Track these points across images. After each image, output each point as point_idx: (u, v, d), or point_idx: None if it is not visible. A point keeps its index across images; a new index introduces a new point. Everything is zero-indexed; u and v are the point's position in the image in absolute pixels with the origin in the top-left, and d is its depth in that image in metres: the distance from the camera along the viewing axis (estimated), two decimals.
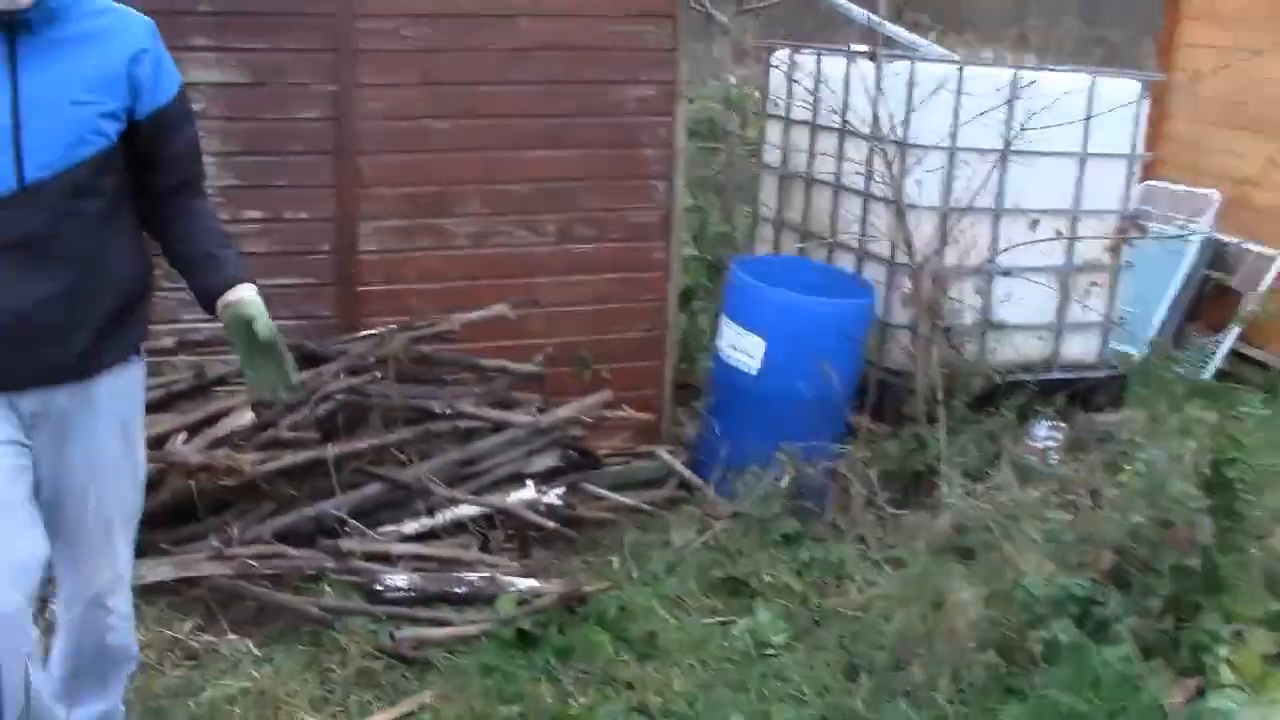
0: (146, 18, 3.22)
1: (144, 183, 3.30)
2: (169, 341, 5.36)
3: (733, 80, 12.21)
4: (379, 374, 5.33)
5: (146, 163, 3.26)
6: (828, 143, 7.37)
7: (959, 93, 6.63)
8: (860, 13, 7.16)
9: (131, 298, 3.30)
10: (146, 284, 3.39)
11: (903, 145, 6.62)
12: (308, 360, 5.39)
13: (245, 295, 3.20)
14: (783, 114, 7.82)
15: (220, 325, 3.30)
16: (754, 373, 6.34)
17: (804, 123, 7.58)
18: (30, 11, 2.92)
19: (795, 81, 7.64)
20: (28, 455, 3.18)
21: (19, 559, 3.05)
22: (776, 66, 7.90)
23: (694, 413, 7.10)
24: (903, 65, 6.77)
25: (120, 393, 3.35)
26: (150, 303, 3.47)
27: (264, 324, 3.17)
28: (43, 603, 3.57)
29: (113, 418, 3.33)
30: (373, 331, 5.59)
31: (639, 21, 6.26)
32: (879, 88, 6.64)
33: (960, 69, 6.69)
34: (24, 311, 3.03)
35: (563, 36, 6.15)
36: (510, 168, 6.21)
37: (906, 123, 6.65)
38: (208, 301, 3.27)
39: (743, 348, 6.38)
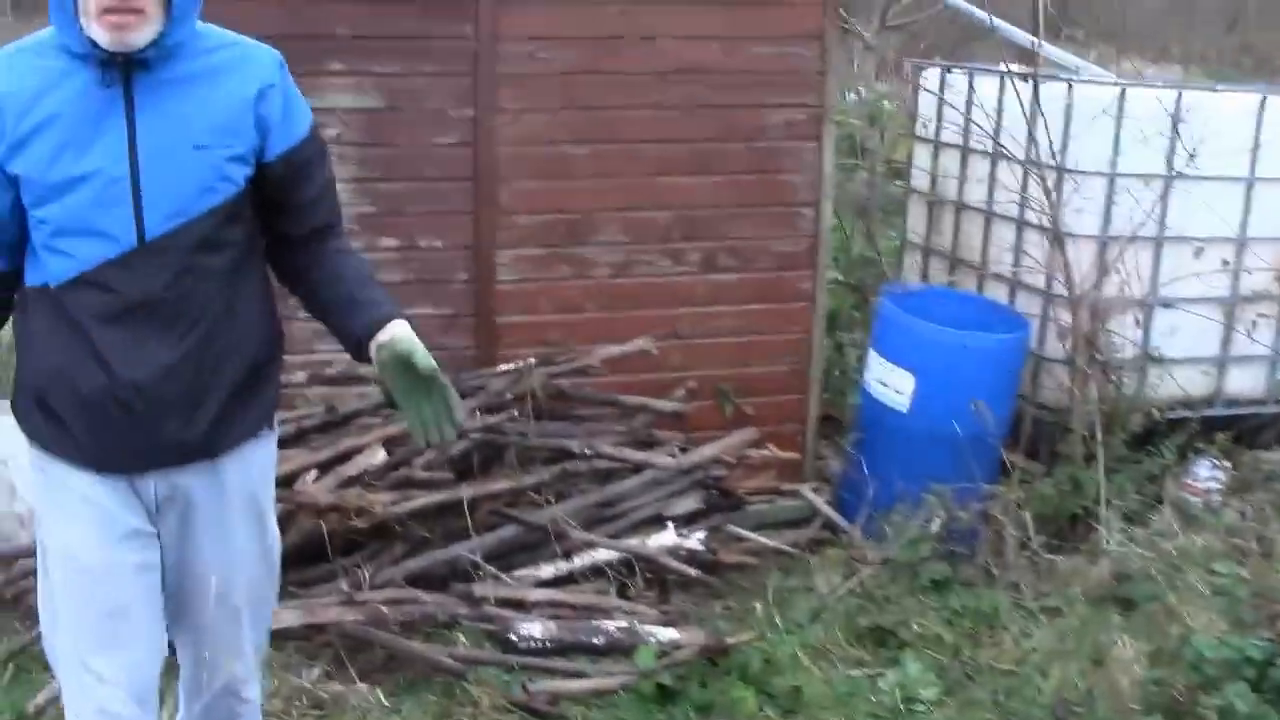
0: (273, 50, 2.94)
1: (277, 230, 3.03)
2: (300, 375, 5.22)
3: (875, 96, 11.89)
4: (516, 412, 5.13)
5: (278, 209, 2.98)
6: (980, 167, 7.08)
7: (1120, 116, 6.29)
8: (1011, 29, 6.82)
9: (262, 364, 3.01)
10: (278, 347, 3.10)
11: (1061, 171, 6.30)
12: None
13: (399, 332, 2.84)
14: (932, 136, 7.53)
15: (359, 363, 3.03)
16: (904, 409, 6.08)
17: (955, 146, 7.29)
18: (147, 50, 2.68)
19: (946, 103, 7.35)
20: (154, 546, 2.96)
21: (137, 669, 2.90)
22: (926, 86, 7.62)
23: (838, 447, 6.84)
24: (1060, 87, 6.45)
25: (251, 471, 3.06)
26: (281, 367, 3.19)
27: (423, 357, 2.81)
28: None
29: (244, 499, 3.04)
30: (510, 366, 5.40)
31: (786, 43, 6.02)
32: (1036, 110, 6.32)
33: (1121, 91, 6.36)
34: (144, 383, 2.78)
35: (706, 58, 5.93)
36: (651, 195, 6.00)
37: (1065, 147, 6.33)
38: (357, 347, 2.91)
39: (892, 383, 6.12)
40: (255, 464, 3.07)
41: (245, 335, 2.95)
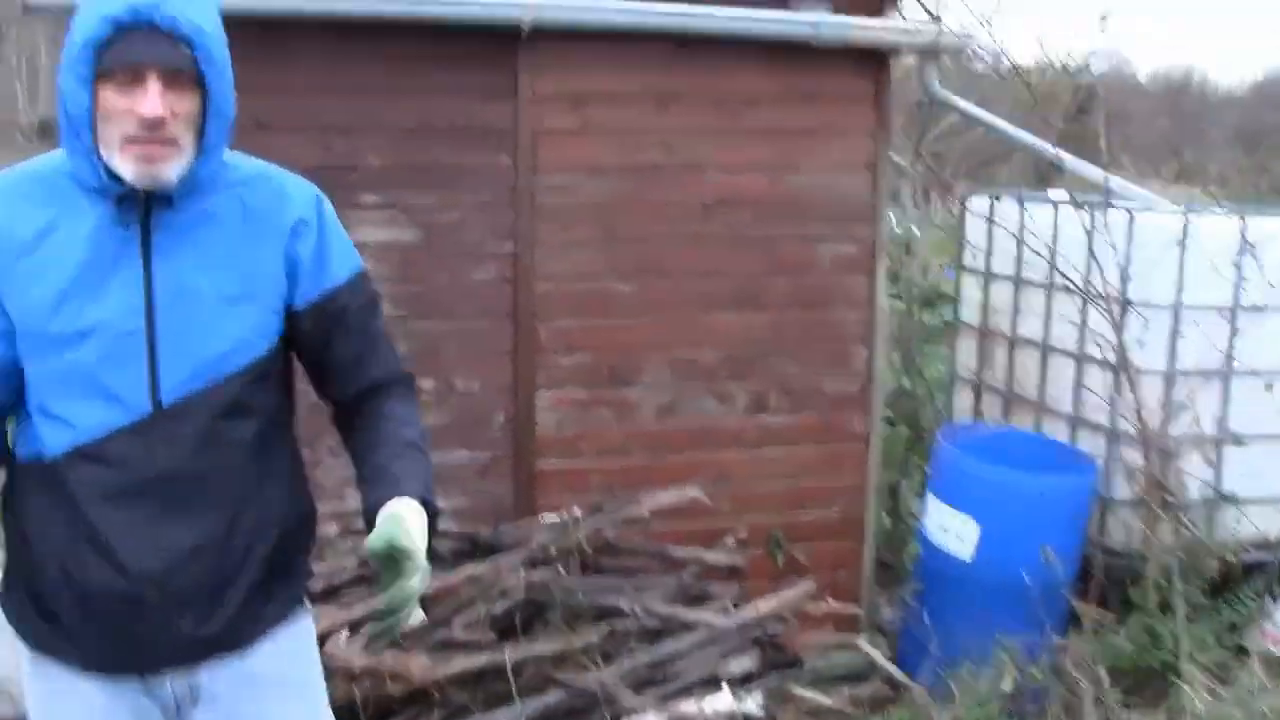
0: (310, 184, 2.58)
1: (320, 391, 2.67)
2: (332, 526, 4.91)
3: (906, 224, 11.65)
4: (561, 568, 4.79)
5: (316, 368, 2.62)
6: (1034, 299, 6.79)
7: (1185, 245, 6.01)
8: (1081, 163, 6.56)
9: (293, 543, 2.63)
10: (310, 524, 2.73)
11: (1124, 303, 6.00)
12: (482, 551, 4.90)
13: (395, 509, 2.33)
14: (981, 267, 7.25)
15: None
16: (967, 557, 5.73)
17: (1006, 277, 7.01)
18: (172, 188, 2.34)
19: (997, 225, 7.07)
20: None
21: None
22: (974, 214, 7.36)
23: (896, 597, 6.47)
24: (1120, 215, 6.17)
25: (288, 658, 2.66)
26: (314, 542, 2.78)
27: (401, 537, 2.26)
28: None
29: (283, 689, 2.63)
30: (554, 517, 5.06)
31: (836, 173, 5.78)
32: (1096, 240, 6.04)
33: (1185, 219, 6.08)
34: (158, 574, 2.39)
35: (753, 189, 5.68)
36: (697, 332, 5.73)
37: (1127, 278, 6.04)
38: (367, 522, 2.42)
39: (953, 529, 5.77)
40: (290, 648, 2.67)
41: (274, 514, 2.56)
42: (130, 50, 2.23)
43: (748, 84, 5.63)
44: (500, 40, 5.28)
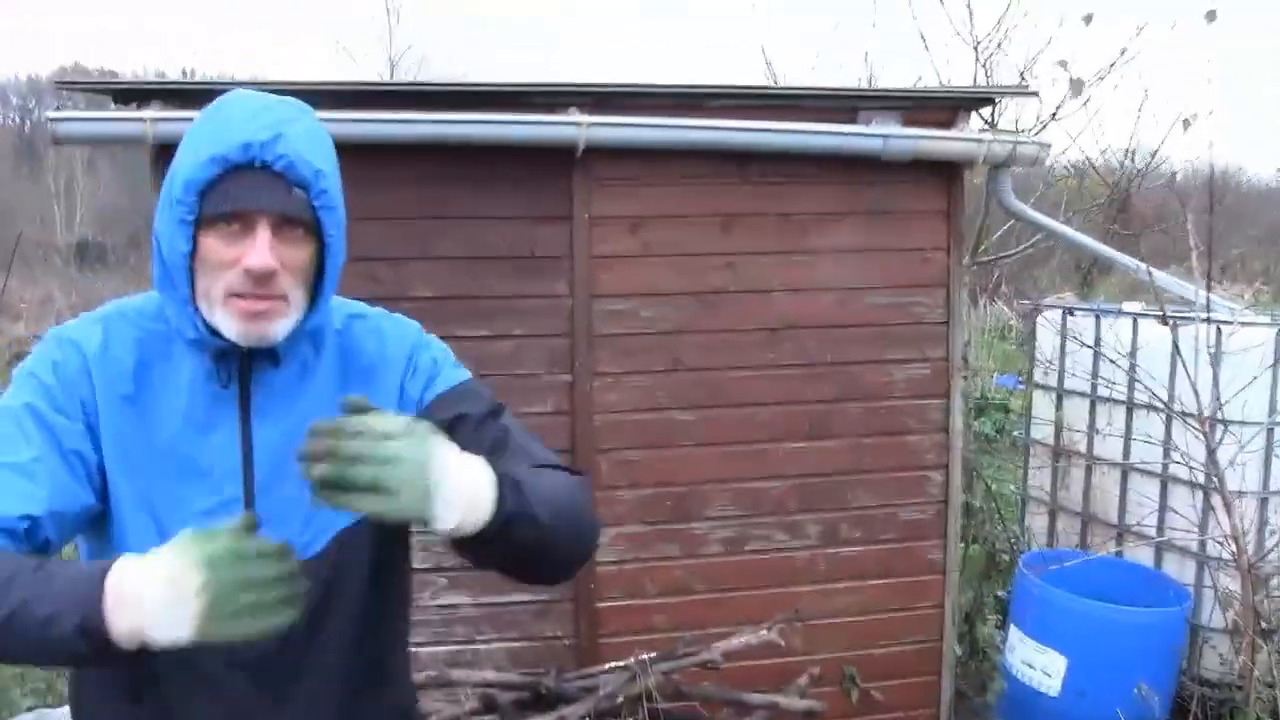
0: (409, 322, 2.30)
1: None
2: None
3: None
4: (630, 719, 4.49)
5: None
6: (1113, 416, 6.48)
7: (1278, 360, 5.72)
8: (1169, 279, 6.27)
9: None
10: (417, 713, 2.43)
11: (1217, 421, 5.69)
12: (546, 702, 4.59)
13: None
14: (1054, 383, 6.96)
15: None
16: (1054, 693, 5.39)
17: (1082, 394, 6.71)
18: (279, 344, 2.08)
19: (1073, 339, 6.79)
20: None
21: None
22: (1045, 326, 7.08)
23: None
24: (1207, 328, 5.88)
25: None
26: None
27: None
28: None
29: None
30: (621, 664, 4.76)
31: (908, 292, 5.51)
32: (1184, 355, 5.75)
33: (1278, 331, 5.78)
34: None
35: (821, 313, 5.42)
36: (764, 463, 5.45)
37: (1217, 395, 5.73)
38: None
39: (1040, 665, 5.45)
40: None
41: (387, 700, 2.26)
42: (239, 194, 1.96)
43: (814, 201, 5.39)
44: (553, 161, 5.07)
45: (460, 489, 1.81)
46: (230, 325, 2.00)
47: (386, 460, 1.73)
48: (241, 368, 2.09)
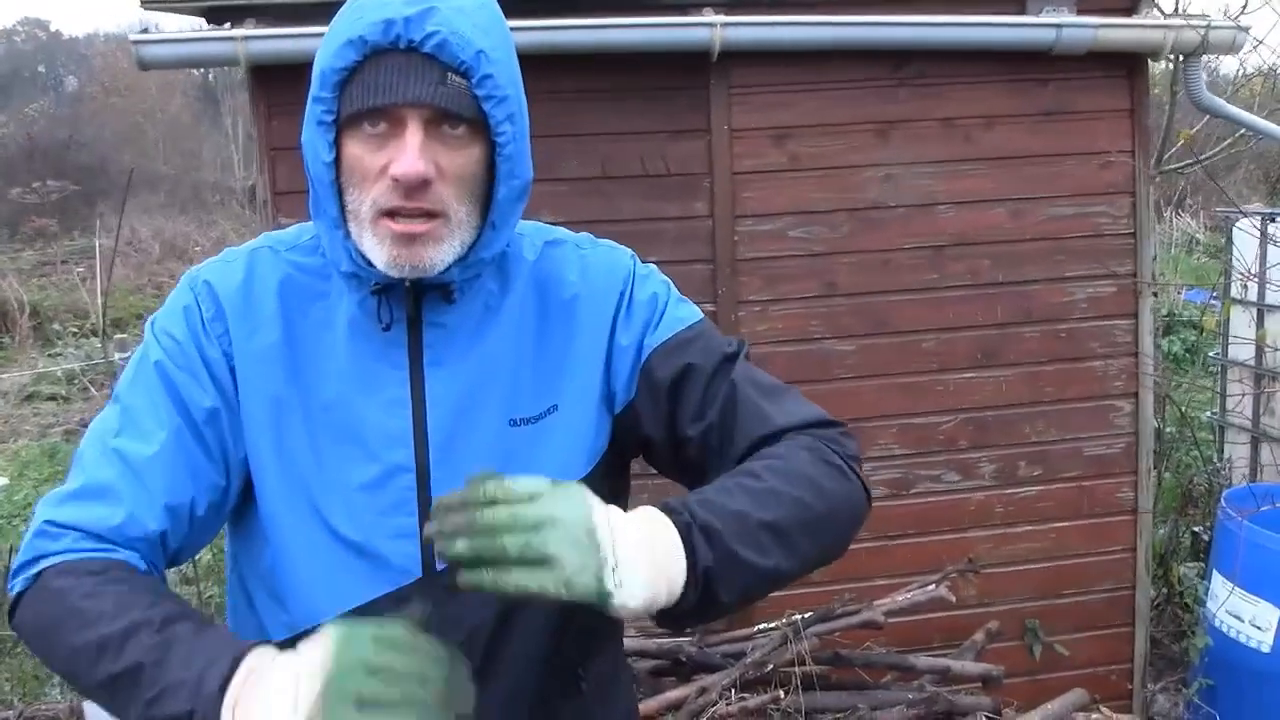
0: (622, 251, 1.89)
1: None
2: None
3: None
4: (783, 691, 4.03)
5: (678, 461, 1.80)
6: None
7: None
8: None
9: None
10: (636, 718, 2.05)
11: None
12: (687, 670, 4.17)
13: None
14: (1254, 298, 6.31)
15: None
16: (1266, 649, 4.81)
17: None
18: (450, 273, 1.68)
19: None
20: None
21: None
22: (1243, 236, 6.42)
23: (1170, 687, 5.56)
24: None
25: None
26: None
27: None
28: None
29: None
30: (772, 626, 4.31)
31: (1088, 201, 4.93)
32: None
33: None
34: None
35: (991, 227, 4.86)
36: (931, 396, 4.94)
37: None
38: None
39: (1248, 618, 4.86)
40: None
41: (596, 716, 1.88)
42: (381, 83, 1.57)
43: (980, 104, 4.82)
44: (687, 69, 4.62)
45: (638, 543, 1.40)
46: (378, 252, 1.62)
47: (539, 523, 1.34)
48: (410, 306, 1.71)
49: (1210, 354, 7.57)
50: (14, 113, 32.42)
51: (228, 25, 4.36)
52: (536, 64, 4.38)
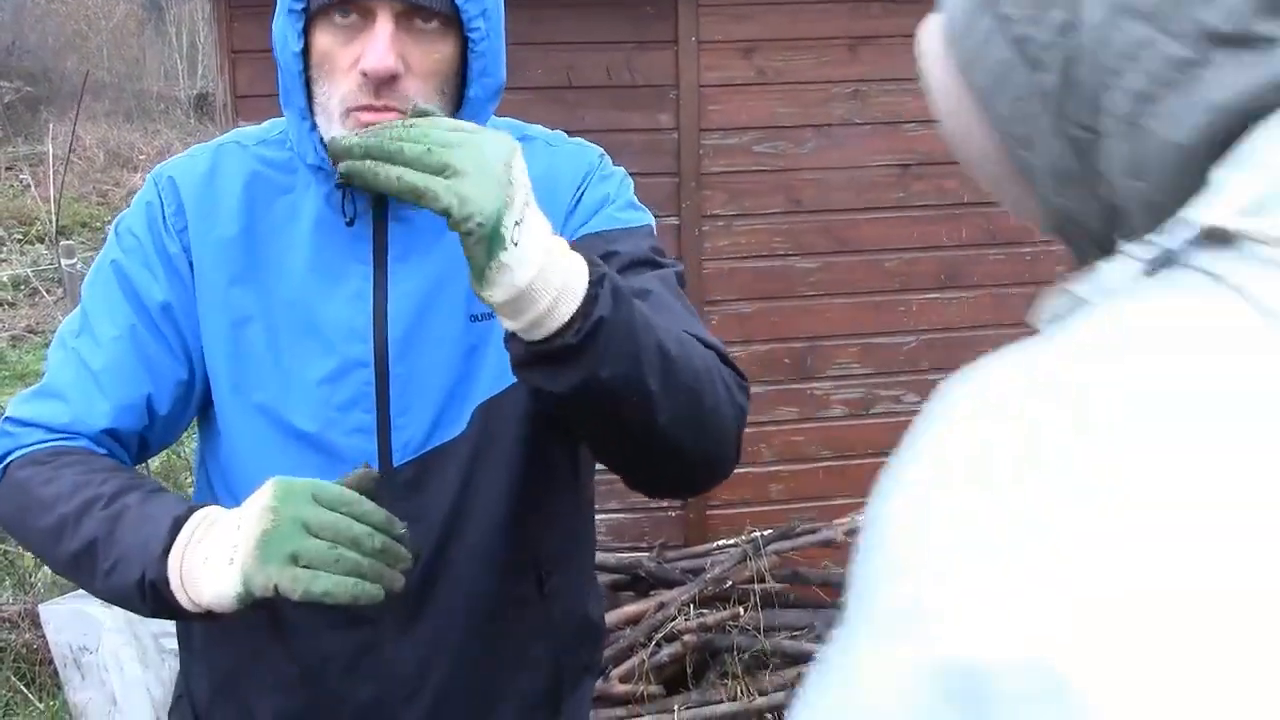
0: (591, 147, 1.87)
1: None
2: None
3: None
4: (742, 608, 4.02)
5: None
6: None
7: None
8: None
9: (579, 670, 1.91)
10: (598, 635, 1.99)
11: None
12: (646, 585, 4.16)
13: None
14: None
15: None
16: None
17: None
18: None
19: None
20: None
21: None
22: None
23: None
24: None
25: None
26: (600, 661, 2.07)
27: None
28: None
29: None
30: (730, 543, 4.30)
31: None
32: None
33: None
34: (378, 712, 1.72)
35: None
36: (894, 315, 4.92)
37: None
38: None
39: None
40: None
41: (556, 623, 1.83)
42: None
43: None
44: None
45: (547, 231, 1.36)
46: None
47: (450, 141, 1.29)
48: (375, 201, 1.68)
49: None
50: None
51: None
52: None
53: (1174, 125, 0.68)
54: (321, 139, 1.60)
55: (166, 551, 1.43)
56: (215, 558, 1.39)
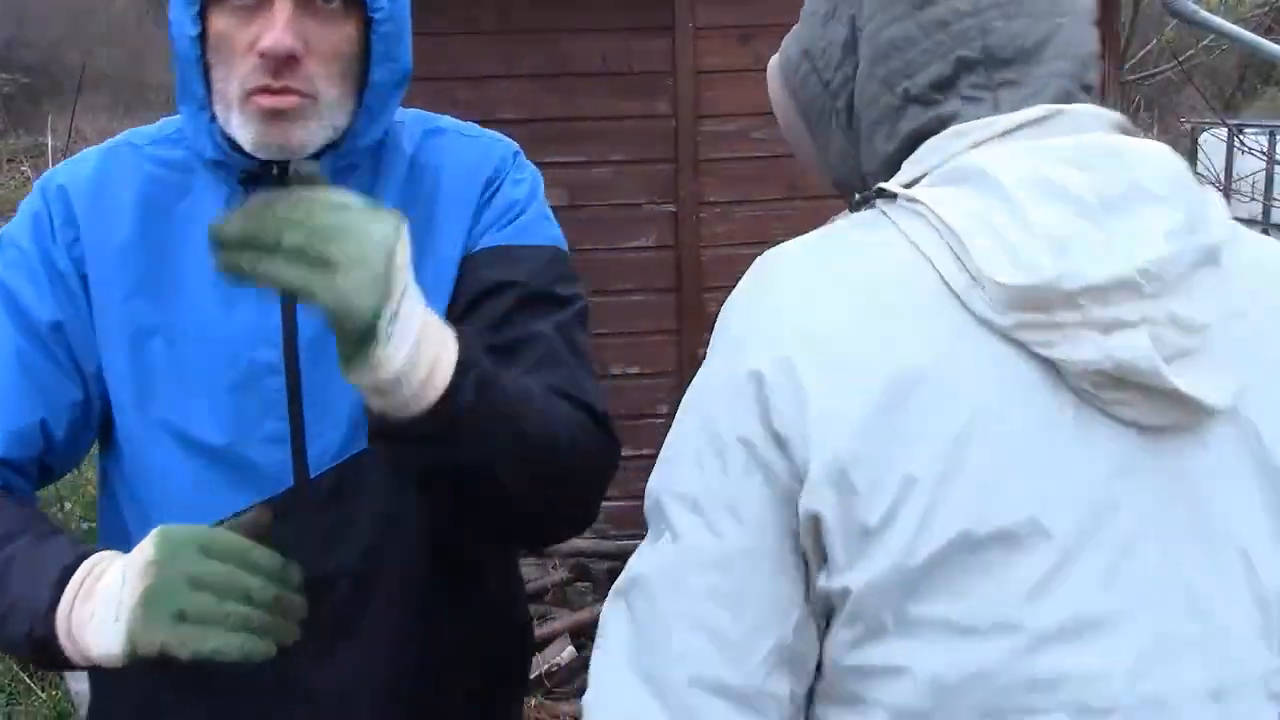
0: (506, 142, 1.75)
1: None
2: None
3: None
4: None
5: None
6: None
7: None
8: None
9: (505, 677, 1.84)
10: (526, 642, 1.91)
11: None
12: None
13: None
14: None
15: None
16: None
17: (1254, 221, 6.07)
18: (322, 159, 1.54)
19: (1251, 154, 6.13)
20: None
21: None
22: (1206, 149, 6.43)
23: None
24: None
25: None
26: (529, 669, 1.98)
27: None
28: None
29: None
30: None
31: None
32: None
33: None
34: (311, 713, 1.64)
35: None
36: None
37: None
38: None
39: None
40: None
41: (478, 632, 1.73)
42: None
43: None
44: None
45: (424, 318, 1.32)
46: (245, 131, 1.50)
47: (331, 229, 1.24)
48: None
49: None
50: None
51: None
52: None
53: (887, 141, 1.24)
54: (222, 131, 1.53)
55: (53, 606, 1.36)
56: (101, 614, 1.33)
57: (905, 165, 1.19)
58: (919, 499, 1.06)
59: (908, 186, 1.16)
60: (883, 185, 1.18)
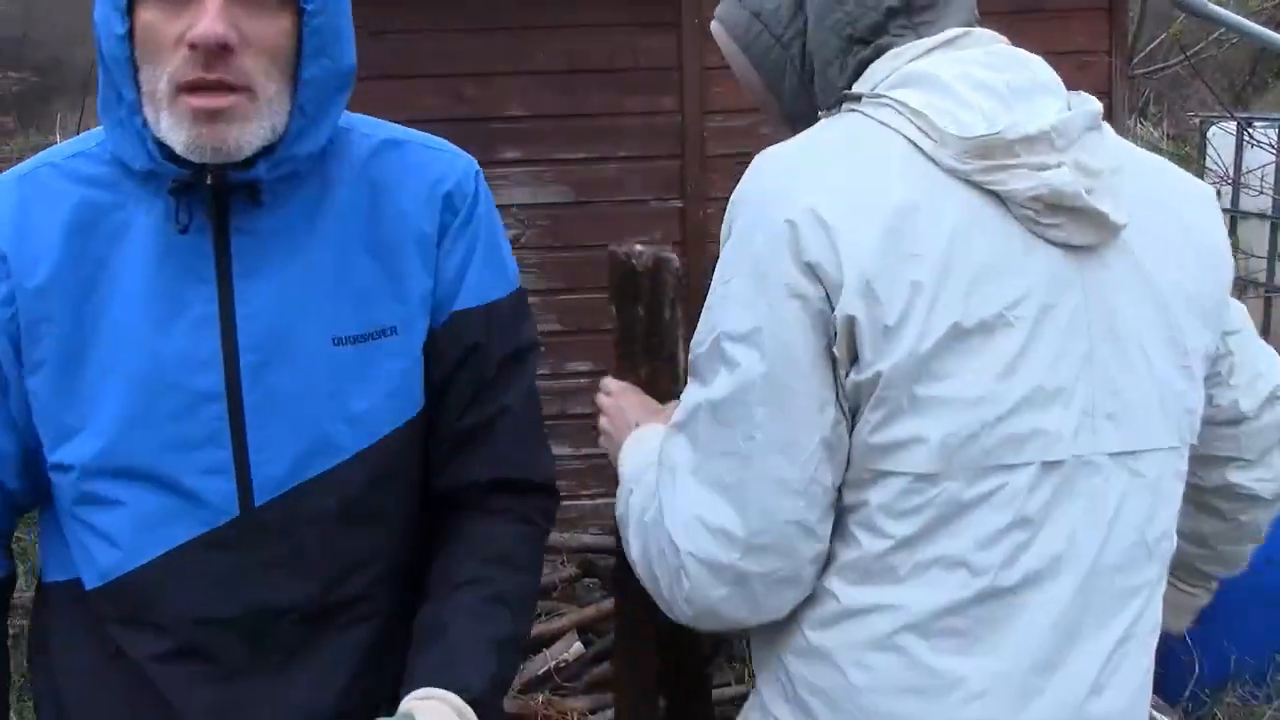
0: (465, 157, 1.70)
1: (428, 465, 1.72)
2: None
3: None
4: None
5: (431, 427, 1.68)
6: None
7: None
8: None
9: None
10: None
11: None
12: None
13: (417, 706, 1.47)
14: (1227, 205, 6.31)
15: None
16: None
17: (1260, 215, 6.07)
18: (257, 165, 1.49)
19: (1260, 149, 6.13)
20: None
21: None
22: (1216, 142, 6.41)
23: None
24: None
25: None
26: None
27: None
28: None
29: None
30: None
31: None
32: None
33: None
34: None
35: None
36: None
37: None
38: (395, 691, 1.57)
39: None
40: None
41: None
42: None
43: None
44: None
45: None
46: (176, 133, 1.43)
47: None
48: (214, 210, 1.51)
49: None
50: None
51: None
52: None
53: (840, 75, 1.56)
54: (154, 137, 1.45)
55: None
56: None
57: (857, 84, 1.53)
58: (923, 300, 1.38)
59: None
60: (847, 92, 1.53)
